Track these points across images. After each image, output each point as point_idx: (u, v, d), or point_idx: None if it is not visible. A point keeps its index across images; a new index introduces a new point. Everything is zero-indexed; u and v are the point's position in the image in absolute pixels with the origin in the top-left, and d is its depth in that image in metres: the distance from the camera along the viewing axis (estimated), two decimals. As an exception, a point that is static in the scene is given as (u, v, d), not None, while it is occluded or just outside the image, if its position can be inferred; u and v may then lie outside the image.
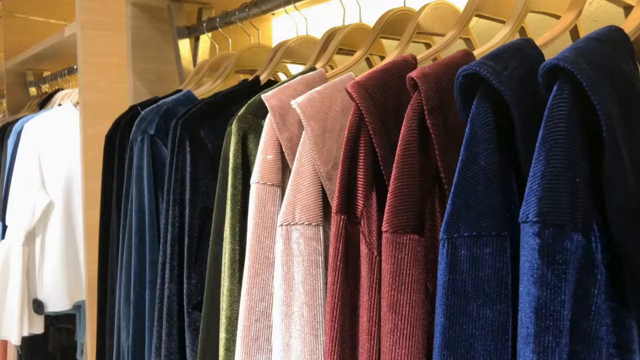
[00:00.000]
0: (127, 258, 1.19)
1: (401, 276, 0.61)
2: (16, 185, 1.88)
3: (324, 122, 0.77)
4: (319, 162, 0.76)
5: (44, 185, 1.89)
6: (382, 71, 0.71)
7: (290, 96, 0.83)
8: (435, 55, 0.79)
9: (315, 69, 0.97)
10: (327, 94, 0.79)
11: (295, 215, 0.77)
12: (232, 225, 0.89)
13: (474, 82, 0.57)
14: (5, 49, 2.49)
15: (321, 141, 0.76)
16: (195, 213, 1.04)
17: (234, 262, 0.89)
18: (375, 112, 0.68)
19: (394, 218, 0.61)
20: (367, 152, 0.68)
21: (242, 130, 0.90)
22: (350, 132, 0.68)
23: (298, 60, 1.16)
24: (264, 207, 0.82)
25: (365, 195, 0.68)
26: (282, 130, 0.82)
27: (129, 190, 1.20)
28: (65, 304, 1.92)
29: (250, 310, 0.82)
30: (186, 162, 1.04)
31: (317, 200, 0.77)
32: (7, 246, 1.87)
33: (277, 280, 0.79)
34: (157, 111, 1.17)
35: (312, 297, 0.77)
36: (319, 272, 0.77)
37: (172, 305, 1.04)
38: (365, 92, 0.68)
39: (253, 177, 0.83)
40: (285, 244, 0.78)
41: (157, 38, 1.49)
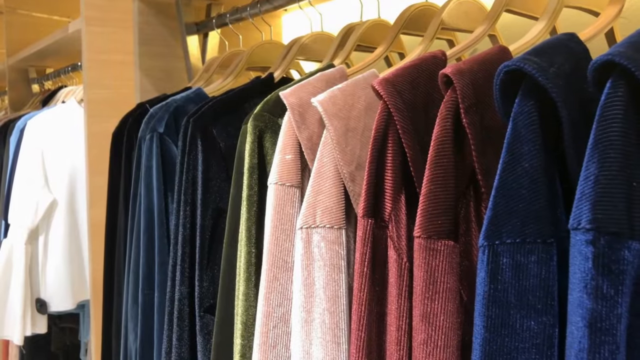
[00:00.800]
0: (135, 259, 1.14)
1: (435, 284, 0.57)
2: (19, 183, 1.83)
3: (346, 121, 0.73)
4: (342, 163, 0.72)
5: (47, 183, 1.84)
6: (410, 67, 0.67)
7: (309, 94, 0.79)
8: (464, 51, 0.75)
9: (333, 66, 0.93)
10: (349, 91, 0.75)
11: (317, 218, 0.73)
12: (247, 227, 0.85)
13: (515, 79, 0.53)
14: (8, 45, 2.44)
15: (344, 141, 0.72)
16: (207, 214, 1.00)
17: (249, 265, 0.85)
18: (404, 110, 0.64)
19: (428, 223, 0.57)
20: (395, 152, 0.64)
21: (258, 128, 0.86)
22: (377, 131, 0.64)
23: (312, 57, 1.11)
24: (282, 208, 0.78)
25: (393, 197, 0.64)
26: (301, 129, 0.77)
27: (137, 189, 1.16)
28: (68, 303, 1.87)
29: (268, 316, 0.77)
30: (198, 162, 1.00)
31: (340, 202, 0.73)
32: (10, 245, 1.83)
33: (296, 285, 0.75)
34: (167, 109, 1.13)
35: (334, 304, 0.73)
36: (341, 278, 0.73)
37: (183, 308, 1.00)
38: (394, 89, 0.64)
39: (271, 177, 0.79)
40: (305, 247, 0.74)
41: (164, 34, 1.45)
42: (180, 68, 1.47)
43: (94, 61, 1.70)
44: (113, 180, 1.27)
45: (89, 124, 1.69)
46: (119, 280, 1.25)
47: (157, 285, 1.10)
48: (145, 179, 1.12)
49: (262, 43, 1.22)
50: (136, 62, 1.43)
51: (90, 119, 1.69)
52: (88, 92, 1.69)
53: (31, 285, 1.85)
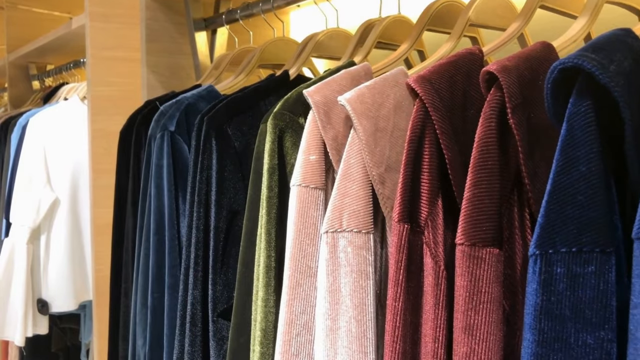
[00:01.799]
0: (144, 260, 1.10)
1: (479, 295, 0.54)
2: (21, 182, 1.79)
3: (375, 120, 0.69)
4: (371, 164, 0.68)
5: (49, 181, 1.80)
6: (446, 64, 0.63)
7: (335, 92, 0.75)
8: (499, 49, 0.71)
9: (354, 63, 0.89)
10: (377, 89, 0.71)
11: (343, 222, 0.69)
12: (267, 230, 0.81)
13: (568, 78, 0.50)
14: (8, 41, 2.39)
15: (373, 141, 0.68)
16: (222, 215, 0.96)
17: (269, 269, 0.81)
18: (442, 109, 0.60)
19: (472, 229, 0.54)
20: (432, 154, 0.60)
21: (278, 128, 0.82)
22: (413, 131, 0.60)
23: (327, 55, 1.07)
24: (306, 211, 0.74)
25: (429, 201, 0.60)
26: (326, 128, 0.74)
27: (146, 189, 1.12)
28: (70, 304, 1.83)
29: (290, 323, 0.74)
30: (212, 162, 0.96)
31: (367, 206, 0.69)
32: (11, 244, 1.78)
33: (320, 292, 0.71)
34: (178, 106, 1.09)
35: (361, 312, 0.69)
36: (369, 285, 0.69)
37: (195, 312, 0.96)
38: (431, 87, 0.60)
39: (294, 179, 0.75)
40: (330, 252, 0.70)
41: (172, 30, 1.41)
42: (187, 65, 1.42)
43: (98, 58, 1.65)
44: (120, 179, 1.23)
45: (93, 122, 1.65)
46: (126, 282, 1.20)
47: (167, 288, 1.06)
48: (156, 178, 1.08)
49: (275, 40, 1.17)
50: (143, 59, 1.39)
51: (94, 117, 1.65)
52: (92, 89, 1.64)
53: (33, 286, 1.80)
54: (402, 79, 0.73)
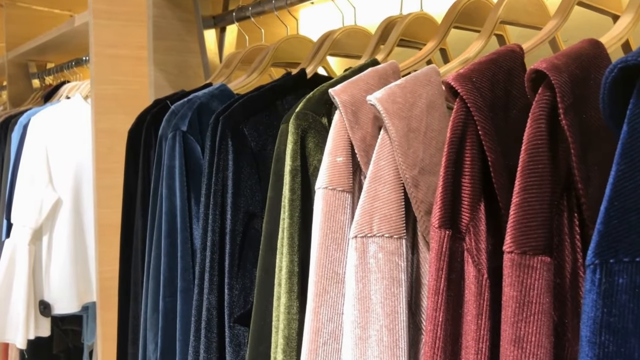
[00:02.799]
0: (155, 264, 1.07)
1: (530, 305, 0.50)
2: (22, 181, 1.74)
3: (408, 121, 0.66)
4: (404, 167, 0.64)
5: (51, 181, 1.75)
6: (487, 63, 0.60)
7: (362, 91, 0.72)
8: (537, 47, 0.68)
9: (377, 62, 0.86)
10: (409, 88, 0.68)
11: (374, 226, 0.66)
12: (290, 234, 0.77)
13: (626, 77, 0.47)
14: (7, 39, 2.34)
15: (406, 142, 0.65)
16: (238, 217, 0.92)
17: (292, 275, 0.77)
18: (484, 109, 0.57)
19: (522, 237, 0.50)
20: (473, 156, 0.57)
21: (300, 128, 0.79)
22: (454, 132, 0.57)
23: (344, 53, 1.04)
24: (332, 215, 0.70)
25: (471, 206, 0.57)
26: (354, 129, 0.70)
27: (157, 190, 1.08)
28: (73, 305, 1.79)
29: (317, 332, 0.70)
30: (228, 162, 0.92)
31: (399, 210, 0.66)
32: (13, 245, 1.74)
33: (349, 299, 0.68)
34: (190, 106, 1.05)
35: (393, 320, 0.65)
36: (401, 292, 0.66)
37: (211, 318, 0.93)
38: (473, 86, 0.57)
39: (320, 181, 0.72)
40: (360, 258, 0.67)
41: (179, 28, 1.37)
42: (195, 63, 1.39)
43: (102, 55, 1.61)
44: (129, 180, 1.19)
45: (97, 121, 1.61)
46: (135, 285, 1.17)
47: (179, 292, 1.03)
48: (167, 179, 1.04)
49: (288, 38, 1.14)
50: (150, 57, 1.35)
51: (98, 116, 1.61)
52: (96, 88, 1.60)
53: (34, 287, 1.76)
54: (435, 77, 0.69)
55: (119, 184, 1.65)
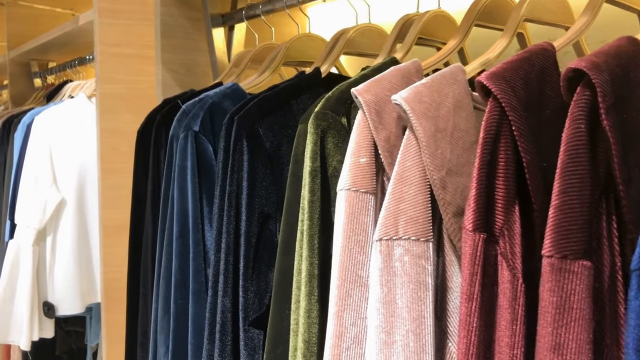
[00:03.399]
0: (166, 265, 1.04)
1: (570, 312, 0.49)
2: (26, 182, 1.72)
3: (435, 121, 0.64)
4: (432, 168, 0.63)
5: (55, 181, 1.73)
6: (519, 61, 0.58)
7: (385, 90, 0.70)
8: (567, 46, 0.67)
9: (396, 60, 0.84)
10: (435, 87, 0.66)
11: (399, 229, 0.64)
12: (310, 236, 0.76)
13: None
14: (8, 38, 2.31)
15: (433, 143, 0.63)
16: (253, 219, 0.90)
17: (312, 278, 0.76)
18: (519, 109, 0.55)
19: (562, 240, 0.49)
20: (507, 157, 0.55)
21: (320, 128, 0.77)
22: (487, 132, 0.55)
23: (357, 52, 1.02)
24: (356, 217, 0.69)
25: (505, 209, 0.55)
26: (378, 129, 0.68)
27: (168, 191, 1.06)
28: (77, 306, 1.77)
29: (340, 336, 0.68)
30: (243, 163, 0.90)
31: (426, 212, 0.64)
32: (17, 246, 1.71)
33: (373, 303, 0.66)
34: (202, 105, 1.03)
35: (419, 325, 0.64)
36: (428, 296, 0.64)
37: (226, 321, 0.91)
38: (507, 85, 0.55)
39: (342, 182, 0.70)
40: (385, 261, 0.65)
41: (187, 27, 1.35)
42: (203, 62, 1.37)
43: (107, 54, 1.59)
44: (138, 181, 1.17)
45: (102, 120, 1.59)
46: (144, 286, 1.15)
47: (191, 294, 1.01)
48: (179, 180, 1.02)
49: (300, 36, 1.12)
50: (158, 56, 1.33)
51: (103, 115, 1.59)
52: (101, 87, 1.58)
53: (38, 288, 1.74)
54: (461, 76, 0.68)
55: (124, 184, 1.63)
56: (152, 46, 1.64)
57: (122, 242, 1.63)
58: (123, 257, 1.63)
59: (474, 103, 0.68)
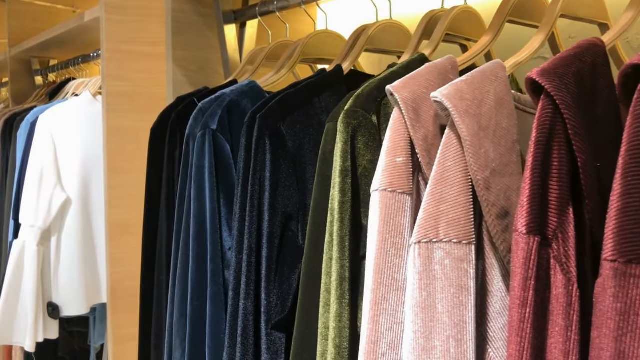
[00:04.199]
0: (182, 267, 1.02)
1: (636, 318, 0.46)
2: (31, 181, 1.68)
3: (478, 119, 0.61)
4: (476, 168, 0.60)
5: (60, 180, 1.69)
6: (570, 57, 0.55)
7: (422, 87, 0.68)
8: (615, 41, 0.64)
9: (425, 56, 0.81)
10: (476, 84, 0.63)
11: (440, 231, 0.62)
12: (341, 237, 0.73)
13: None
14: (10, 35, 2.27)
15: (477, 142, 0.61)
16: (276, 220, 0.88)
17: (343, 281, 0.73)
18: (573, 107, 0.53)
19: (626, 244, 0.46)
20: (561, 157, 0.53)
21: (351, 127, 0.74)
22: (541, 131, 0.53)
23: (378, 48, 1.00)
24: (392, 219, 0.66)
25: (559, 210, 0.53)
26: (416, 127, 0.66)
27: (184, 190, 1.03)
28: (82, 307, 1.73)
29: (376, 342, 0.66)
30: (266, 163, 0.87)
31: (468, 214, 0.62)
32: (21, 245, 1.68)
33: (411, 308, 0.63)
34: (220, 103, 1.01)
35: (461, 330, 0.61)
36: (470, 300, 0.62)
37: (247, 324, 0.88)
38: (560, 82, 0.53)
39: (377, 183, 0.67)
40: (424, 264, 0.63)
41: (199, 23, 1.32)
42: (215, 60, 1.34)
43: (114, 51, 1.55)
44: (152, 180, 1.14)
45: (108, 118, 1.55)
46: (159, 288, 1.12)
47: (209, 296, 0.98)
48: (196, 180, 0.99)
49: (317, 33, 1.09)
50: (169, 53, 1.30)
51: (109, 113, 1.55)
52: (107, 85, 1.54)
53: (43, 289, 1.70)
54: (502, 73, 0.65)
55: (131, 183, 1.60)
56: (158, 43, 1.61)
57: (129, 242, 1.61)
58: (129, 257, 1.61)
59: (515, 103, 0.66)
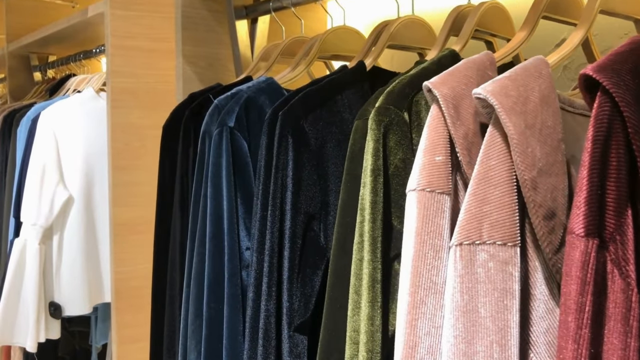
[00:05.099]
0: (198, 268, 0.99)
1: None
2: (32, 178, 1.64)
3: (524, 117, 0.59)
4: (523, 167, 0.58)
5: (62, 178, 1.66)
6: (625, 53, 0.53)
7: (461, 83, 0.65)
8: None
9: (456, 52, 0.79)
10: (520, 81, 0.61)
11: (483, 233, 0.59)
12: (373, 239, 0.70)
13: None
14: (8, 30, 2.23)
15: (524, 140, 0.58)
16: (298, 220, 0.85)
17: (375, 283, 0.70)
18: (633, 105, 0.50)
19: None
20: (620, 157, 0.50)
21: (383, 125, 0.72)
22: (599, 129, 0.50)
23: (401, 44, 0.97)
24: (431, 220, 0.63)
25: (617, 212, 0.50)
26: (456, 125, 0.63)
27: (199, 189, 1.00)
28: (84, 307, 1.69)
29: (414, 347, 0.63)
30: (288, 161, 0.85)
31: (513, 215, 0.59)
32: (22, 244, 1.64)
33: (451, 312, 0.61)
34: (237, 100, 0.98)
35: (504, 335, 0.59)
36: (515, 304, 0.59)
37: (269, 326, 0.85)
38: (618, 78, 0.50)
39: (414, 182, 0.64)
40: (466, 267, 0.60)
41: (209, 19, 1.29)
42: (225, 56, 1.31)
43: (119, 47, 1.52)
44: (164, 178, 1.11)
45: (113, 115, 1.52)
46: (172, 289, 1.08)
47: (226, 297, 0.95)
48: (213, 178, 0.96)
49: (335, 29, 1.07)
50: (178, 49, 1.27)
51: (114, 110, 1.52)
52: (112, 81, 1.51)
53: (45, 288, 1.66)
54: (545, 70, 0.63)
55: (136, 181, 1.57)
56: (163, 39, 1.58)
57: (134, 241, 1.58)
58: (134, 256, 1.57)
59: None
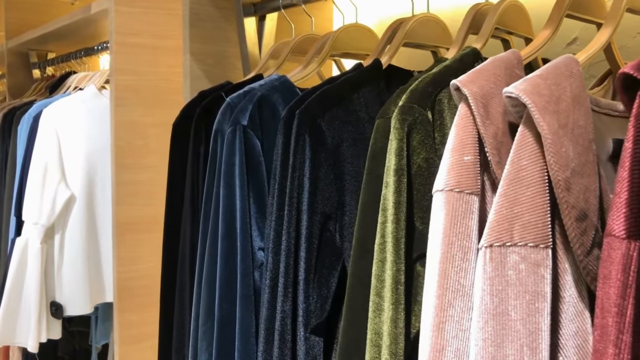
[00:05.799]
0: (209, 268, 0.97)
1: None
2: (34, 177, 1.61)
3: (557, 116, 0.58)
4: (556, 167, 0.56)
5: (64, 177, 1.63)
6: (665, 51, 0.52)
7: (490, 82, 0.64)
8: None
9: (478, 51, 0.77)
10: (552, 80, 0.59)
11: (514, 234, 0.58)
12: (396, 240, 0.69)
13: None
14: (7, 27, 2.19)
15: (558, 140, 0.57)
16: (315, 220, 0.83)
17: (398, 285, 0.69)
18: (675, 105, 0.49)
19: None
20: (661, 157, 0.49)
21: (407, 123, 0.70)
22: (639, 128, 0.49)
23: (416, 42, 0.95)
24: (459, 221, 0.62)
25: (657, 214, 0.49)
26: (486, 124, 0.62)
27: (211, 188, 0.98)
28: (86, 307, 1.67)
29: (441, 350, 0.62)
30: (305, 160, 0.83)
31: (545, 216, 0.58)
32: (24, 243, 1.61)
33: (480, 315, 0.59)
34: (250, 98, 0.96)
35: (536, 338, 0.57)
36: (546, 307, 0.58)
37: (285, 328, 0.83)
38: (660, 78, 0.49)
39: (442, 182, 0.63)
40: (496, 269, 0.59)
41: (216, 16, 1.27)
42: (233, 54, 1.29)
43: (123, 44, 1.50)
44: (174, 177, 1.09)
45: (116, 113, 1.50)
46: (181, 290, 1.06)
47: (239, 298, 0.93)
48: (226, 177, 0.94)
49: (347, 27, 1.05)
50: (186, 46, 1.25)
51: (117, 108, 1.50)
52: (115, 78, 1.49)
53: (46, 287, 1.64)
54: (576, 68, 0.61)
55: (139, 180, 1.55)
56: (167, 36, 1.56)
57: (137, 240, 1.55)
58: (137, 256, 1.55)
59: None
